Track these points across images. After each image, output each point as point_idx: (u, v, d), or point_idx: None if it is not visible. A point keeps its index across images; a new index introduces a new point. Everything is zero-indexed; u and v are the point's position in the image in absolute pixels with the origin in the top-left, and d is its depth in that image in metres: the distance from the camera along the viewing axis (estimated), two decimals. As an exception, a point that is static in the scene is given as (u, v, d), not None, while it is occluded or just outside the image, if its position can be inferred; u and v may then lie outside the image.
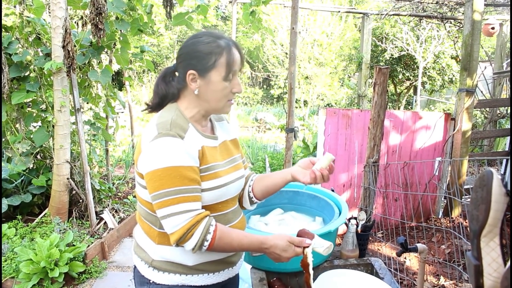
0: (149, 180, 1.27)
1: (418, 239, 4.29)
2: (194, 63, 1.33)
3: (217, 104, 1.39)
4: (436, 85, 10.25)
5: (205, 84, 1.35)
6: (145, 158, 1.28)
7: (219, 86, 1.35)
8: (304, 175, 1.48)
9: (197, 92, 1.36)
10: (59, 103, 3.81)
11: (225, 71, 1.34)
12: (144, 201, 1.38)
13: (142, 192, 1.37)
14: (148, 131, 1.31)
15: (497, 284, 0.92)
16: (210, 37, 1.35)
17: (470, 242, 1.03)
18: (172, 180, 1.24)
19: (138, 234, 1.47)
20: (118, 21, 4.19)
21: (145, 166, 1.28)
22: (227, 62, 1.33)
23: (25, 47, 4.06)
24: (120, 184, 5.72)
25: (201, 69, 1.33)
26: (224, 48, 1.34)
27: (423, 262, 1.83)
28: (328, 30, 12.51)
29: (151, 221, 1.39)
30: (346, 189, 4.70)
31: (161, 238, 1.37)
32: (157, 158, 1.24)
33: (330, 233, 1.80)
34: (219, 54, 1.32)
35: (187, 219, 1.24)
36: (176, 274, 1.38)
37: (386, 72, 3.16)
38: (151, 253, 1.40)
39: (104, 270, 3.69)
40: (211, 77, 1.34)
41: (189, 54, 1.35)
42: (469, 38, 4.40)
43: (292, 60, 4.05)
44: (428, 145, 4.79)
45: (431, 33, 9.17)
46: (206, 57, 1.32)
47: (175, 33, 17.89)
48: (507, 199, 0.93)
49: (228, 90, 1.38)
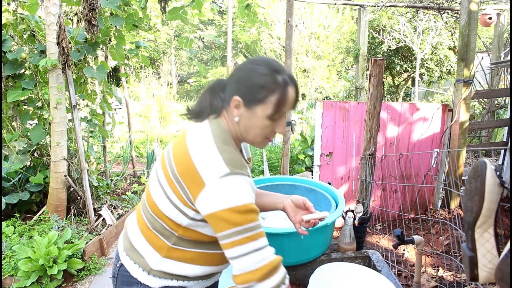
0: (219, 218, 1.17)
1: (417, 231, 4.30)
2: (243, 90, 1.25)
3: (254, 138, 1.32)
4: (434, 76, 10.23)
5: (248, 116, 1.27)
6: (213, 196, 1.17)
7: (262, 122, 1.27)
8: (295, 214, 1.50)
9: (237, 120, 1.28)
10: (55, 100, 3.79)
11: (272, 110, 1.25)
12: (168, 219, 1.29)
13: (172, 211, 1.27)
14: (211, 162, 1.19)
15: (492, 275, 0.92)
16: (269, 69, 1.25)
17: (465, 233, 1.02)
18: (247, 216, 1.17)
19: (138, 240, 1.39)
20: (112, 17, 4.17)
21: (214, 204, 1.17)
22: (277, 102, 1.24)
23: (20, 45, 4.04)
24: (118, 181, 5.72)
25: (248, 99, 1.25)
26: (279, 86, 1.24)
27: (420, 253, 1.83)
28: (325, 23, 12.47)
29: (164, 235, 1.32)
30: (344, 182, 4.70)
31: (171, 252, 1.32)
32: (230, 197, 1.16)
33: (327, 226, 1.80)
34: (272, 91, 1.24)
35: (271, 255, 1.21)
36: (173, 280, 1.34)
37: (381, 63, 3.14)
38: (152, 262, 1.33)
39: (103, 267, 3.69)
40: (256, 111, 1.25)
41: (241, 79, 1.27)
42: (466, 28, 4.38)
43: (288, 53, 4.03)
44: (425, 136, 4.79)
45: (428, 24, 9.14)
46: (257, 89, 1.24)
47: (172, 28, 17.83)
48: (501, 190, 0.93)
49: (270, 129, 1.30)
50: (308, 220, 1.48)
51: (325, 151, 4.56)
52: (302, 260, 1.81)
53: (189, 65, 24.47)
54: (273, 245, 1.74)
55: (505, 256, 0.80)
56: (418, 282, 2.06)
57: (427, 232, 4.25)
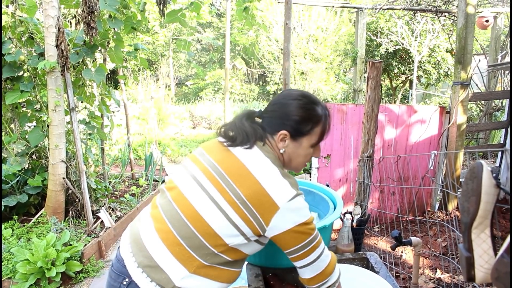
0: (294, 234, 1.27)
1: (414, 233, 4.31)
2: (289, 124, 1.35)
3: (297, 165, 1.44)
4: (432, 78, 10.25)
5: (294, 147, 1.38)
6: (289, 215, 1.26)
7: (306, 151, 1.39)
8: None
9: (282, 151, 1.38)
10: (53, 102, 3.80)
11: (316, 140, 1.39)
12: (214, 233, 1.26)
13: (225, 228, 1.25)
14: (281, 187, 1.26)
15: (488, 275, 0.93)
16: (310, 102, 1.37)
17: (461, 234, 1.03)
18: (313, 226, 1.30)
19: (162, 256, 1.28)
20: (111, 19, 4.17)
21: (289, 222, 1.26)
22: (321, 132, 1.38)
23: (18, 47, 4.04)
24: (116, 183, 5.72)
25: (295, 133, 1.36)
26: (321, 117, 1.37)
27: (417, 255, 1.84)
28: (323, 25, 12.51)
29: (200, 253, 1.27)
30: (342, 184, 4.71)
31: (201, 269, 1.28)
32: (301, 214, 1.27)
33: (325, 228, 1.81)
34: (316, 123, 1.36)
35: (330, 252, 1.38)
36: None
37: (379, 66, 3.16)
38: (176, 279, 1.26)
39: (102, 269, 3.69)
40: (302, 142, 1.37)
41: (286, 114, 1.36)
42: (463, 31, 4.40)
43: (286, 55, 4.05)
44: (423, 138, 4.81)
45: (425, 27, 9.17)
46: (304, 122, 1.35)
47: (170, 30, 17.84)
48: (498, 191, 0.94)
49: (310, 156, 1.43)
50: None
51: (323, 153, 4.57)
52: (300, 262, 1.82)
53: (187, 68, 24.46)
54: (271, 247, 1.75)
55: (501, 256, 0.81)
56: (416, 283, 2.06)
57: (425, 234, 4.26)
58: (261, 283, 1.67)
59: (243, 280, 2.88)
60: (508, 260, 0.79)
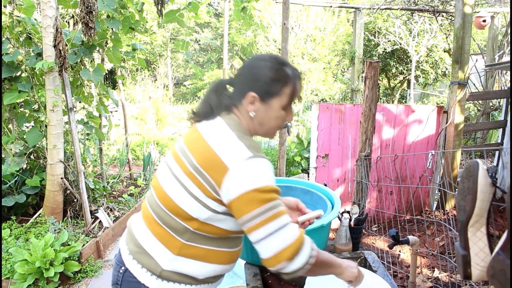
0: (247, 199, 1.19)
1: (412, 233, 4.32)
2: (258, 86, 1.32)
3: (268, 129, 1.39)
4: (430, 78, 10.27)
5: (264, 109, 1.34)
6: (239, 178, 1.20)
7: (277, 113, 1.35)
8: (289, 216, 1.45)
9: (252, 115, 1.35)
10: (51, 102, 3.80)
11: (287, 101, 1.34)
12: (184, 213, 1.28)
13: (191, 204, 1.27)
14: (233, 149, 1.23)
15: (484, 273, 0.94)
16: (278, 63, 1.34)
17: (458, 233, 1.04)
18: (272, 195, 1.21)
19: (147, 240, 1.36)
20: (109, 19, 4.17)
21: (240, 186, 1.20)
22: (291, 92, 1.34)
23: (16, 47, 4.04)
24: (114, 183, 5.72)
25: (264, 94, 1.32)
26: (291, 78, 1.33)
27: (415, 254, 1.85)
28: (321, 25, 12.52)
29: (177, 231, 1.31)
30: (340, 184, 4.72)
31: (184, 250, 1.31)
32: (257, 178, 1.20)
33: (323, 227, 1.81)
34: (285, 83, 1.32)
35: (296, 229, 1.23)
36: (181, 284, 1.34)
37: (376, 66, 3.17)
38: (163, 262, 1.31)
39: (100, 269, 3.69)
40: (272, 103, 1.33)
41: (254, 76, 1.33)
42: (460, 31, 4.42)
43: (284, 56, 4.06)
44: (421, 138, 4.82)
45: (423, 27, 9.18)
46: (273, 83, 1.31)
47: (168, 30, 17.84)
48: (493, 189, 0.95)
49: (282, 120, 1.38)
50: (303, 222, 1.51)
51: (321, 153, 4.58)
52: (298, 261, 1.83)
53: (185, 68, 24.46)
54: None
55: (497, 253, 0.82)
56: (413, 282, 2.07)
57: (422, 233, 4.27)
58: (259, 282, 1.68)
59: (241, 279, 2.89)
60: (503, 258, 0.80)
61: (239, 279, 2.98)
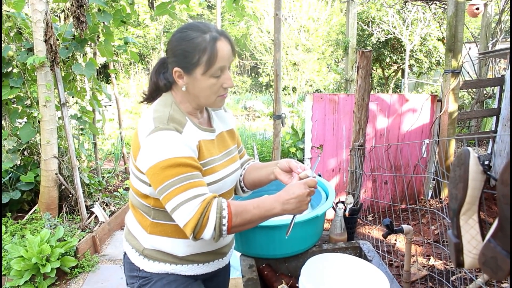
0: (152, 175, 1.23)
1: (407, 221, 4.35)
2: (178, 60, 1.30)
3: (207, 99, 1.36)
4: (424, 67, 10.30)
5: (191, 82, 1.31)
6: (144, 154, 1.24)
7: (206, 83, 1.31)
8: (288, 178, 1.47)
9: (184, 89, 1.34)
10: (44, 98, 3.77)
11: (208, 67, 1.28)
12: (138, 192, 1.37)
13: (137, 183, 1.36)
14: (145, 124, 1.27)
15: (476, 260, 0.94)
16: (195, 31, 1.28)
17: (450, 221, 1.04)
18: (175, 169, 1.20)
19: (131, 222, 1.48)
20: (100, 13, 4.13)
21: (145, 162, 1.24)
22: (209, 58, 1.27)
23: (7, 42, 4.00)
24: (110, 178, 5.70)
25: (185, 66, 1.29)
26: (208, 44, 1.27)
27: (409, 242, 1.86)
28: (314, 16, 12.47)
29: (144, 211, 1.40)
30: (335, 174, 4.73)
31: (153, 228, 1.39)
32: (157, 152, 1.21)
33: (318, 218, 1.82)
34: (202, 51, 1.26)
35: (197, 204, 1.19)
36: (166, 264, 1.40)
37: (369, 55, 3.16)
38: (143, 241, 1.42)
39: (97, 264, 3.69)
40: (196, 74, 1.29)
41: (173, 51, 1.31)
42: (453, 19, 4.41)
43: (277, 47, 4.04)
44: (415, 127, 4.83)
45: (417, 16, 9.18)
46: (189, 55, 1.27)
47: (161, 23, 17.71)
48: (485, 177, 0.95)
49: (218, 86, 1.33)
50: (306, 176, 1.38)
51: (316, 143, 4.58)
52: (293, 252, 1.83)
53: (179, 61, 24.36)
54: (264, 238, 1.76)
55: (488, 241, 0.82)
56: (408, 270, 2.09)
57: (418, 222, 4.30)
58: (255, 274, 1.68)
59: (237, 271, 2.90)
60: (494, 245, 0.80)
61: (235, 271, 2.98)
